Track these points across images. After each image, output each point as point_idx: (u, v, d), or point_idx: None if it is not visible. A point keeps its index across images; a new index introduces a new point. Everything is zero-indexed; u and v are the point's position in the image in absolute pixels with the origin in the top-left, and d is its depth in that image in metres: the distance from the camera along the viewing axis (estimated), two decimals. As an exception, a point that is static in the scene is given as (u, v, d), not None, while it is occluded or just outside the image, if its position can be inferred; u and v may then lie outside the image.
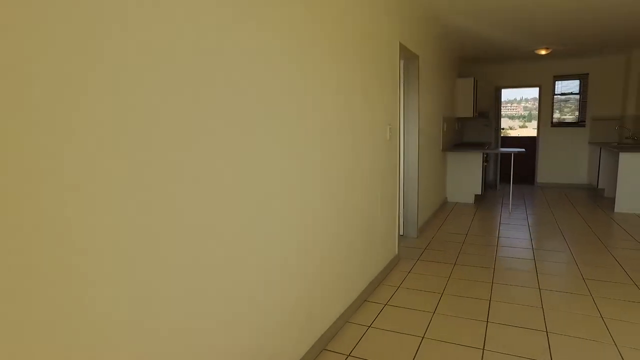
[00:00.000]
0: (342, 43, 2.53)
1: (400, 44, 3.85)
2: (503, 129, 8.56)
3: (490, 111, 8.63)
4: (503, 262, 3.91)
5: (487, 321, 2.79)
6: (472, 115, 7.49)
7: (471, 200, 6.68)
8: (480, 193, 6.65)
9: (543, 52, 6.78)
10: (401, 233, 4.75)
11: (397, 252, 3.94)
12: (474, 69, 8.62)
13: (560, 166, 8.39)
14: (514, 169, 9.39)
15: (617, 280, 3.47)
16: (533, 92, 16.19)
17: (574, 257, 4.04)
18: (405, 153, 4.62)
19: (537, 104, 16.43)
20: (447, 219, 5.63)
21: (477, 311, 2.93)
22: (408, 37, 4.11)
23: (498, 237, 4.75)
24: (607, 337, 2.58)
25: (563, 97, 8.28)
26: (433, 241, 4.60)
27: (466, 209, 6.23)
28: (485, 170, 7.75)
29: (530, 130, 13.52)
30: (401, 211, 4.72)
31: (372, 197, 3.19)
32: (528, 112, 17.28)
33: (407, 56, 4.40)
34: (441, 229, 5.12)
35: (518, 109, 18.18)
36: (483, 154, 6.68)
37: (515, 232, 5.00)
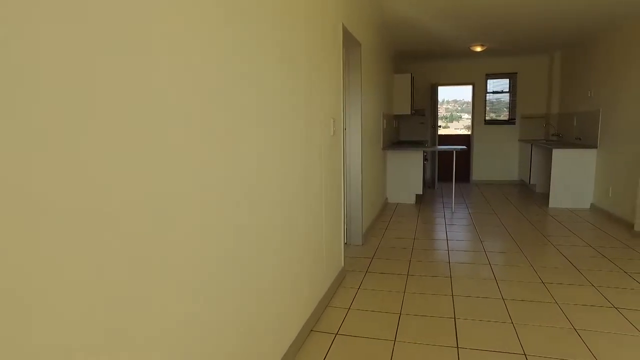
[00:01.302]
0: (287, 15, 1.96)
1: (344, 28, 3.36)
2: (440, 126, 8.46)
3: (427, 108, 8.49)
4: (459, 269, 3.56)
5: (457, 347, 2.35)
6: (409, 113, 7.24)
7: (412, 200, 6.40)
8: (421, 193, 6.39)
9: (478, 48, 6.68)
10: (345, 241, 4.27)
11: (343, 265, 3.43)
12: (411, 66, 8.43)
13: (493, 163, 8.45)
14: (448, 167, 9.36)
15: (574, 281, 3.24)
16: (454, 95, 16.69)
17: (527, 259, 3.79)
18: (347, 152, 4.15)
19: (457, 106, 16.97)
20: (391, 222, 5.25)
21: (444, 334, 2.50)
22: (351, 21, 3.63)
23: (447, 240, 4.43)
24: (584, 350, 2.26)
25: (494, 95, 8.34)
26: (380, 249, 4.17)
27: (409, 210, 5.92)
28: (424, 170, 7.55)
29: (452, 130, 13.88)
30: (344, 216, 4.23)
31: (317, 205, 2.65)
32: (450, 113, 18.00)
33: (350, 43, 3.93)
34: (386, 233, 4.72)
35: (441, 110, 19.01)
36: (424, 152, 6.43)
37: (463, 233, 4.73)
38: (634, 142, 4.92)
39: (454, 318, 2.69)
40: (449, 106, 18.40)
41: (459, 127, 15.40)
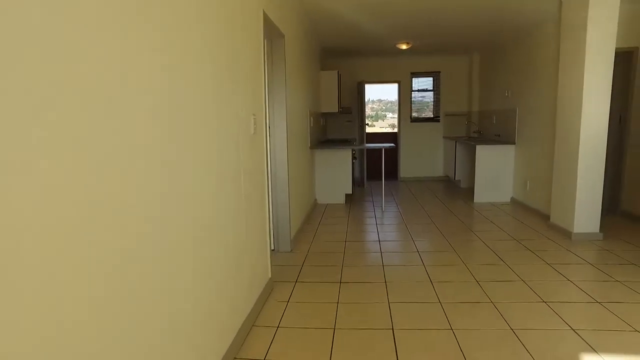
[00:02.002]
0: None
1: (265, 15, 3.03)
2: (367, 124, 8.42)
3: (354, 106, 8.40)
4: (393, 273, 3.39)
5: (396, 364, 2.14)
6: (336, 110, 7.08)
7: (342, 200, 6.23)
8: (351, 192, 6.24)
9: (404, 46, 6.68)
10: (272, 248, 3.95)
11: (270, 276, 3.11)
12: (338, 63, 8.29)
13: (420, 160, 8.58)
14: (379, 164, 9.38)
15: (506, 277, 3.20)
16: (379, 95, 17.05)
17: (459, 257, 3.73)
18: (272, 151, 3.83)
19: (382, 105, 17.32)
20: (321, 224, 5.02)
21: (382, 349, 2.27)
22: (273, 9, 3.31)
23: (380, 242, 4.27)
24: (523, 352, 2.16)
25: (419, 93, 8.47)
26: (310, 254, 3.90)
27: (339, 211, 5.73)
28: (352, 168, 7.43)
29: (377, 129, 14.15)
30: (271, 221, 3.91)
31: (237, 213, 2.31)
32: (375, 112, 18.48)
33: (272, 34, 3.61)
34: (317, 237, 4.47)
35: (366, 110, 19.48)
36: (352, 150, 6.28)
37: (395, 233, 4.61)
38: (546, 139, 5.12)
39: (392, 329, 2.48)
40: (374, 105, 18.86)
41: (384, 125, 15.72)
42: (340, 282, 3.21)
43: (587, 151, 4.18)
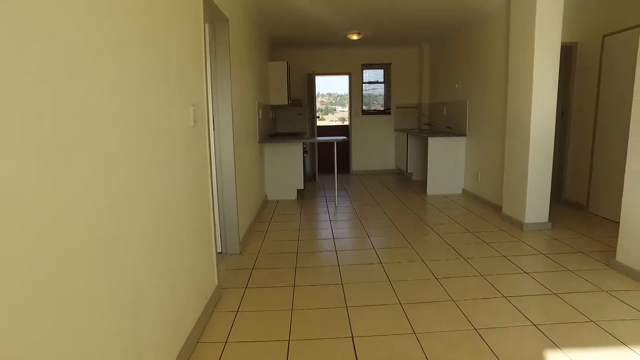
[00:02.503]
0: None
1: (203, -6, 2.72)
2: (318, 117, 8.23)
3: (304, 99, 8.17)
4: (350, 273, 3.21)
5: (358, 379, 1.95)
6: (286, 103, 6.82)
7: (293, 196, 6.00)
8: (302, 187, 6.02)
9: (355, 36, 6.51)
10: (219, 250, 3.65)
11: (217, 283, 2.83)
12: (287, 54, 8.00)
13: (372, 153, 8.51)
14: (331, 158, 9.22)
15: (465, 273, 3.11)
16: (328, 88, 17.01)
17: (417, 253, 3.62)
18: (217, 145, 3.52)
19: (331, 99, 17.24)
20: (272, 222, 4.76)
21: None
22: (211, -14, 2.99)
23: (334, 239, 4.09)
24: (487, 352, 2.04)
25: (370, 85, 8.37)
26: (261, 256, 3.64)
27: (290, 207, 5.49)
28: (304, 162, 7.22)
29: (327, 122, 14.05)
30: (217, 222, 3.61)
31: (173, 217, 2.01)
32: (325, 105, 18.46)
33: (215, 17, 3.29)
34: (268, 237, 4.21)
35: (317, 103, 19.43)
36: (303, 144, 6.06)
37: (349, 230, 4.44)
38: (496, 131, 5.16)
39: (352, 337, 2.29)
40: (323, 99, 18.81)
41: (334, 119, 15.66)
42: (294, 286, 2.98)
43: (537, 142, 4.21)
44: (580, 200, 5.15)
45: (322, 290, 2.91)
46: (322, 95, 18.30)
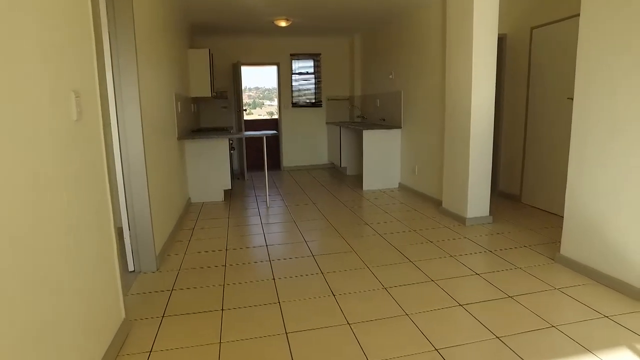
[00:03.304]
0: None
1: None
2: (245, 110, 7.66)
3: (230, 91, 7.56)
4: (287, 289, 2.77)
5: None
6: (210, 95, 6.20)
7: (220, 197, 5.43)
8: (230, 187, 5.47)
9: (283, 23, 6.04)
10: (132, 269, 3.04)
11: (124, 316, 2.26)
12: (210, 42, 7.33)
13: (303, 148, 8.11)
14: (260, 154, 8.70)
15: (415, 279, 2.82)
16: (256, 83, 16.44)
17: (361, 258, 3.28)
18: (122, 143, 2.91)
19: (259, 93, 16.71)
20: (196, 229, 4.19)
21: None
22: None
23: (267, 247, 3.63)
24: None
25: (300, 76, 7.96)
26: (183, 272, 3.09)
27: (217, 210, 4.94)
28: (231, 160, 6.65)
29: (255, 116, 13.48)
30: (126, 236, 3.00)
31: (39, 240, 1.45)
32: (253, 100, 17.89)
33: (109, -17, 2.67)
34: (191, 247, 3.65)
35: (243, 97, 18.78)
36: (230, 140, 5.50)
37: (284, 234, 4.00)
38: (433, 122, 4.99)
39: (295, 376, 1.87)
40: (251, 93, 18.19)
41: (262, 113, 15.14)
42: (223, 310, 2.49)
43: (478, 134, 4.05)
44: (514, 192, 5.15)
45: (257, 313, 2.45)
46: (250, 90, 17.68)
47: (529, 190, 4.88)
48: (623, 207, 2.62)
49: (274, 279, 2.93)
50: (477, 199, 4.14)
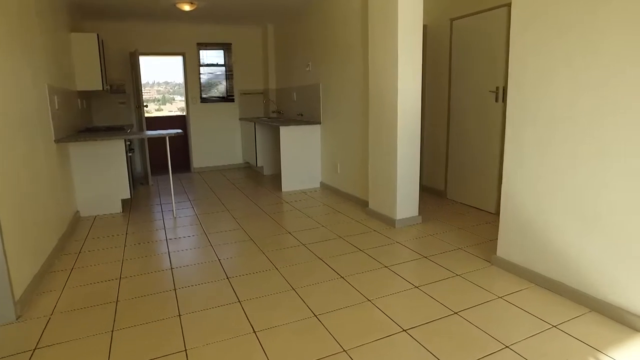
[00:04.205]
0: None
1: None
2: (146, 106, 6.77)
3: (128, 84, 6.64)
4: (198, 328, 2.21)
5: None
6: (102, 88, 5.30)
7: (118, 208, 4.63)
8: (129, 196, 4.69)
9: (187, 6, 5.32)
10: (-21, 320, 2.27)
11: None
12: (102, 27, 6.34)
13: (216, 147, 7.41)
14: (165, 155, 7.83)
15: (348, 301, 2.43)
16: (165, 76, 15.36)
17: (285, 279, 2.81)
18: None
19: (169, 88, 15.46)
20: (83, 253, 3.43)
21: None
22: None
23: (172, 270, 3.01)
24: None
25: (210, 68, 7.23)
26: (56, 319, 2.37)
27: (113, 226, 4.16)
28: (131, 163, 5.80)
29: (166, 112, 12.42)
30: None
31: None
32: (162, 95, 16.69)
33: None
34: (72, 279, 2.91)
35: (152, 93, 17.40)
36: (126, 140, 4.71)
37: (193, 251, 3.39)
38: (356, 116, 4.66)
39: None
40: (160, 88, 16.92)
41: (173, 109, 14.09)
42: (108, 371, 1.88)
43: (406, 128, 3.77)
44: (439, 187, 5.02)
45: (155, 370, 1.88)
46: (159, 84, 16.42)
47: (454, 186, 4.76)
48: (562, 206, 2.45)
49: (179, 315, 2.35)
50: (406, 198, 3.88)
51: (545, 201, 2.57)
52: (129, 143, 4.93)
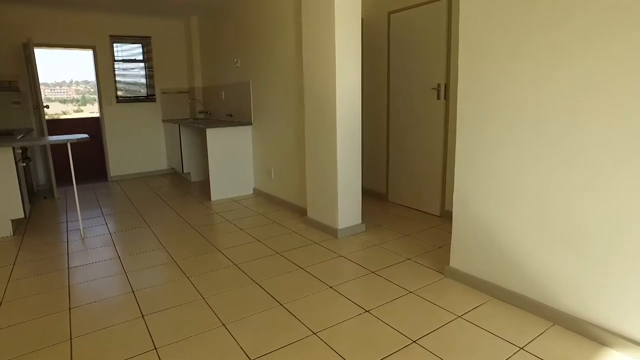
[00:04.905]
0: None
1: None
2: (46, 106, 5.85)
3: (23, 81, 5.71)
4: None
5: None
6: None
7: (7, 231, 3.85)
8: (23, 215, 3.92)
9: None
10: None
11: None
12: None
13: (136, 152, 6.64)
14: (76, 163, 6.92)
15: (297, 335, 2.03)
16: (85, 76, 14.06)
17: (217, 316, 2.34)
18: None
19: (89, 87, 14.12)
20: (-46, 290, 2.71)
21: None
22: None
23: (71, 310, 2.42)
24: None
25: (126, 64, 6.46)
26: None
27: None
28: (27, 174, 4.96)
29: (86, 114, 11.24)
30: None
31: None
32: (82, 95, 15.29)
33: None
34: None
35: (70, 92, 15.89)
36: (15, 149, 3.94)
37: (103, 282, 2.80)
38: (291, 116, 4.27)
39: None
40: (79, 87, 15.51)
41: (95, 110, 12.87)
42: None
43: (346, 129, 3.44)
44: (380, 189, 4.78)
45: None
46: (79, 83, 15.04)
47: (395, 188, 4.53)
48: (522, 213, 2.23)
49: (73, 376, 1.82)
50: (348, 206, 3.55)
51: (503, 207, 2.34)
52: (19, 151, 4.14)
